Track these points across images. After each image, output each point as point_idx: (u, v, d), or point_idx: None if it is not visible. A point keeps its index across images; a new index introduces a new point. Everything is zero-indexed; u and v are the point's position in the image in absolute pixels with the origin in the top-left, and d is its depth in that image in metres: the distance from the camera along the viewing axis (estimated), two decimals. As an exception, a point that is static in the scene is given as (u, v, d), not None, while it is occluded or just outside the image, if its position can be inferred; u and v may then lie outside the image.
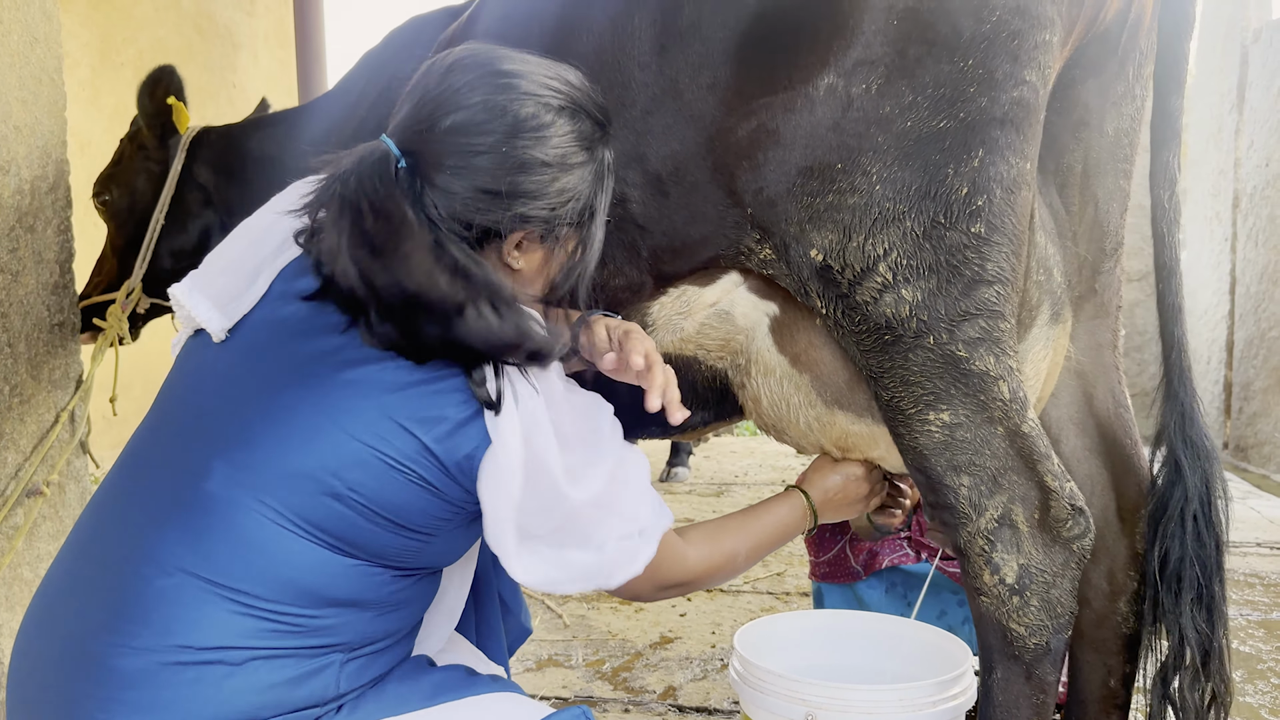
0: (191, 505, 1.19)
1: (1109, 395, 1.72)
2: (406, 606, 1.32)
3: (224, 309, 1.30)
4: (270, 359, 1.25)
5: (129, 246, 2.83)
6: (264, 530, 1.17)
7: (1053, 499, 1.47)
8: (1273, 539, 4.13)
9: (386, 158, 1.22)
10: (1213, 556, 1.57)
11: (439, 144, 1.22)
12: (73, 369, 2.64)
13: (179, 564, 1.16)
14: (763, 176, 1.48)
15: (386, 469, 1.19)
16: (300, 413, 1.20)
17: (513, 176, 1.22)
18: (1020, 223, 1.43)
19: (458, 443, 1.21)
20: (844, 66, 1.41)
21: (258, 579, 1.17)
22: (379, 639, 1.29)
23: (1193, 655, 1.56)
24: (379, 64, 2.50)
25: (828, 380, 1.62)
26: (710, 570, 1.50)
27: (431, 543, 1.28)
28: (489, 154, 1.21)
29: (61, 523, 2.57)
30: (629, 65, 1.57)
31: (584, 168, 1.29)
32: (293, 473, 1.18)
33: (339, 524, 1.19)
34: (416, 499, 1.22)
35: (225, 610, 1.15)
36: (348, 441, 1.18)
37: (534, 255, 1.32)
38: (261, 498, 1.18)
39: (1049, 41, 1.39)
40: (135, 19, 5.71)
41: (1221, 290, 6.20)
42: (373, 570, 1.24)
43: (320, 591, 1.20)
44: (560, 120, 1.25)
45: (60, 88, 2.57)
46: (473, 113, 1.22)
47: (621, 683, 2.70)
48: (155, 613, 1.15)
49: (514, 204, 1.23)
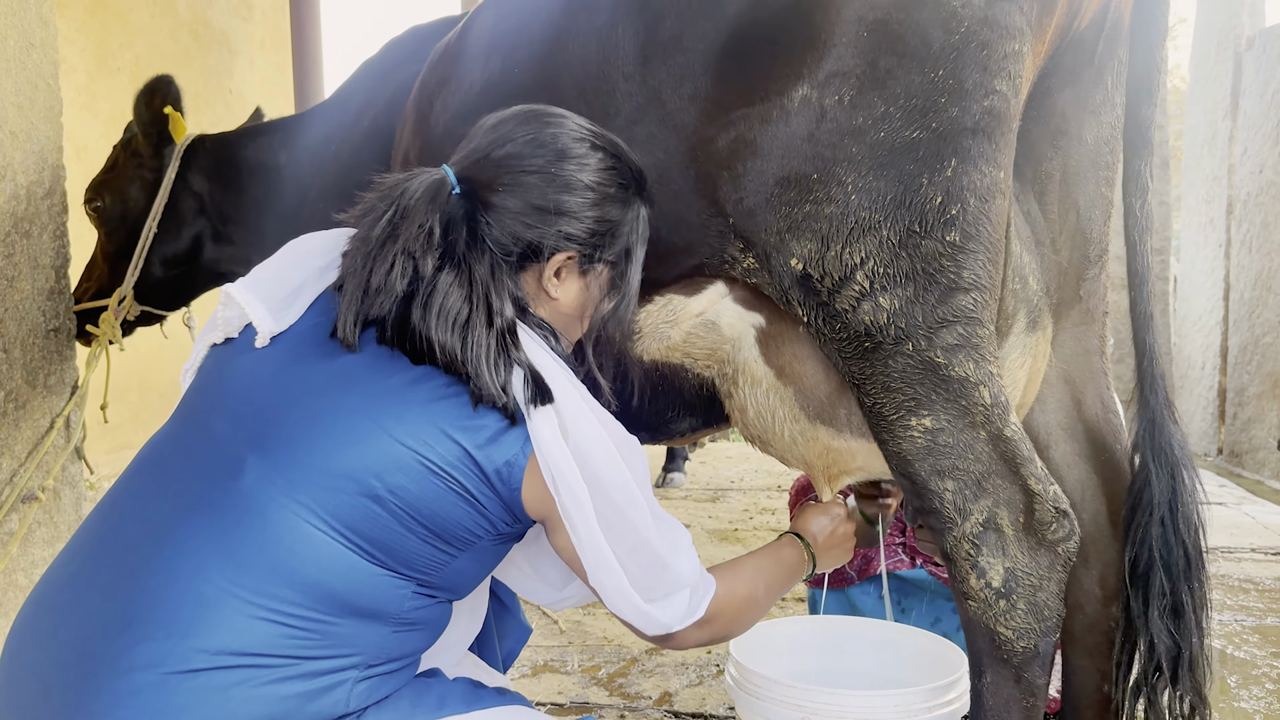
0: (220, 504, 1.20)
1: (1098, 401, 1.73)
2: (420, 629, 1.31)
3: (275, 315, 1.33)
4: (313, 367, 1.28)
5: (119, 253, 2.83)
6: (295, 529, 1.18)
7: (1037, 502, 1.48)
8: (1267, 544, 4.13)
9: (443, 182, 1.32)
10: (1180, 564, 1.57)
11: (492, 169, 1.33)
12: (68, 375, 2.64)
13: (201, 563, 1.16)
14: (742, 187, 1.49)
15: (428, 474, 1.21)
16: (343, 416, 1.22)
17: (558, 195, 1.33)
18: (996, 230, 1.44)
19: (499, 449, 1.23)
20: (817, 78, 1.43)
21: (282, 578, 1.17)
22: (392, 659, 1.28)
23: (1163, 663, 1.57)
24: (381, 74, 2.51)
25: (811, 394, 1.63)
26: (737, 606, 1.48)
27: (458, 559, 1.28)
28: (538, 174, 1.33)
29: (56, 528, 2.57)
30: (614, 75, 1.58)
31: (622, 205, 1.39)
32: (332, 473, 1.19)
33: (373, 527, 1.20)
34: (454, 508, 1.23)
35: (244, 614, 1.15)
36: (391, 445, 1.20)
37: (571, 286, 1.39)
38: (296, 496, 1.19)
39: (1019, 51, 1.40)
40: (132, 25, 5.72)
41: (1216, 296, 6.21)
42: (397, 581, 1.24)
43: (343, 597, 1.20)
44: (599, 155, 1.37)
45: (56, 93, 2.58)
46: (522, 144, 1.34)
47: (617, 688, 2.70)
48: (170, 614, 1.14)
49: (558, 220, 1.33)
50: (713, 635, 1.45)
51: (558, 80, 1.66)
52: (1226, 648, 2.99)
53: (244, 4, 6.86)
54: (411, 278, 1.25)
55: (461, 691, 1.38)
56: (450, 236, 1.28)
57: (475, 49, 1.88)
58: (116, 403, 4.65)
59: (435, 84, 1.97)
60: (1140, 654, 1.59)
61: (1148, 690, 1.60)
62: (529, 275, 1.36)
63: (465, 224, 1.30)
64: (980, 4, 1.37)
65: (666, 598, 1.36)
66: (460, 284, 1.26)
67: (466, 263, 1.27)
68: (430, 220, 1.27)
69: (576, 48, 1.63)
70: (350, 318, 1.27)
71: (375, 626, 1.24)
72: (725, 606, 1.44)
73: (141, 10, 5.82)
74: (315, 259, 1.38)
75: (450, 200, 1.30)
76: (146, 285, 2.80)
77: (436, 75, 1.98)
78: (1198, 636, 1.59)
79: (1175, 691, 1.58)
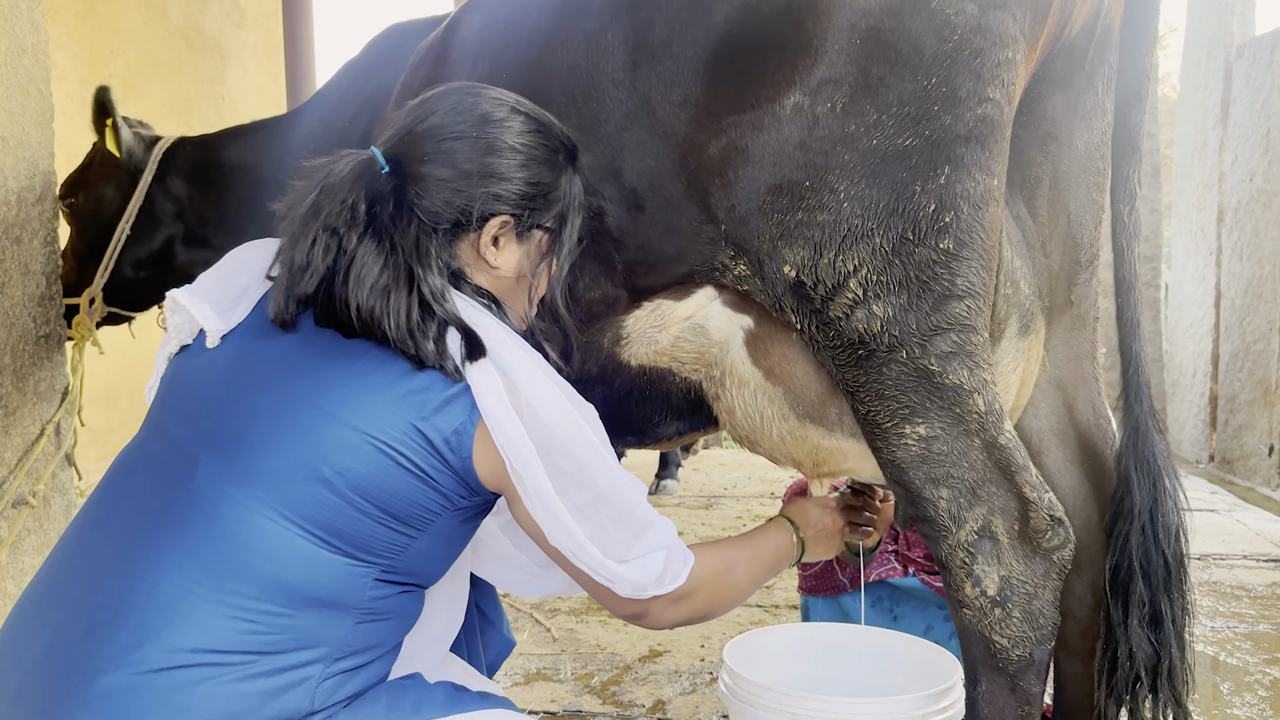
0: (179, 505, 1.21)
1: (1089, 406, 1.73)
2: (388, 620, 1.30)
3: (221, 315, 1.35)
4: (259, 360, 1.30)
5: (89, 251, 2.82)
6: (248, 523, 1.19)
7: (1032, 510, 1.48)
8: (1259, 551, 4.14)
9: (370, 161, 1.33)
10: (1161, 572, 1.57)
11: (417, 142, 1.35)
12: (58, 381, 2.63)
13: (162, 564, 1.17)
14: (734, 194, 1.49)
15: (376, 453, 1.21)
16: (288, 405, 1.24)
17: (483, 157, 1.33)
18: (989, 238, 1.44)
19: (445, 418, 1.23)
20: (809, 85, 1.43)
21: (239, 574, 1.17)
22: (358, 652, 1.27)
23: (1143, 672, 1.56)
24: (360, 72, 2.50)
25: (800, 394, 1.63)
26: (715, 585, 1.44)
27: (418, 539, 1.27)
28: (461, 139, 1.34)
29: (46, 536, 2.56)
30: (603, 81, 1.58)
31: (552, 169, 1.39)
32: (281, 462, 1.20)
33: (326, 513, 1.20)
34: (405, 485, 1.22)
35: (204, 612, 1.15)
36: (337, 427, 1.21)
37: (510, 253, 1.38)
38: (249, 490, 1.20)
39: (1012, 59, 1.41)
40: (124, 31, 5.71)
41: (1207, 304, 6.24)
42: (356, 569, 1.23)
43: (301, 588, 1.19)
44: (522, 118, 1.38)
45: (48, 99, 2.57)
46: (443, 114, 1.36)
47: (610, 697, 2.69)
48: (134, 615, 1.15)
49: (486, 182, 1.33)
50: (690, 612, 1.41)
51: (546, 85, 1.65)
52: (1219, 654, 3.00)
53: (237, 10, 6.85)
54: (335, 253, 1.27)
55: (442, 695, 1.36)
56: (374, 210, 1.29)
57: (461, 51, 1.86)
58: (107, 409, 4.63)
59: (419, 86, 1.95)
60: (1121, 662, 1.59)
61: (1129, 699, 1.59)
62: (465, 245, 1.36)
63: (392, 197, 1.30)
64: (974, 12, 1.37)
65: (641, 558, 1.32)
66: (380, 253, 1.26)
67: (389, 234, 1.28)
68: (352, 196, 1.29)
69: (565, 52, 1.62)
70: (282, 299, 1.29)
71: (338, 617, 1.22)
72: (703, 583, 1.41)
73: (134, 16, 5.81)
74: (258, 262, 1.41)
75: (379, 178, 1.32)
76: (116, 286, 2.78)
77: (420, 77, 1.96)
78: (1177, 646, 1.58)
79: (1156, 701, 1.57)
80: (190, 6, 6.36)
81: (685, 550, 1.39)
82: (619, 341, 1.71)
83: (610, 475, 1.29)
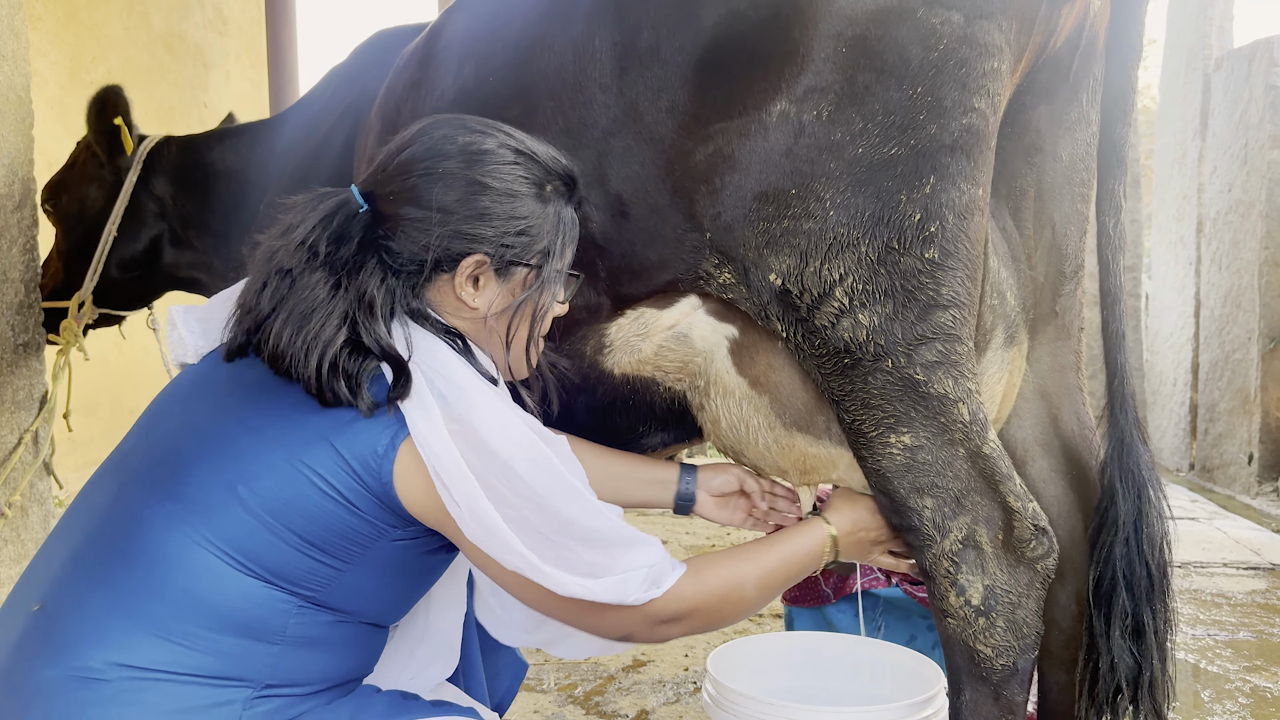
0: (111, 516, 1.23)
1: (1074, 416, 1.74)
2: (322, 651, 1.26)
3: (205, 334, 1.41)
4: (211, 381, 1.32)
5: (76, 254, 2.79)
6: (172, 543, 1.18)
7: (1016, 519, 1.48)
8: (1239, 559, 4.17)
9: (345, 201, 1.31)
10: (1144, 584, 1.57)
11: (389, 180, 1.31)
12: (36, 389, 2.60)
13: (88, 581, 1.18)
14: (720, 201, 1.49)
15: (295, 474, 1.19)
16: (223, 424, 1.25)
17: (459, 194, 1.29)
18: (974, 247, 1.45)
19: (366, 441, 1.20)
20: (795, 93, 1.43)
21: (163, 595, 1.17)
22: (295, 682, 1.23)
23: (1124, 684, 1.56)
24: (346, 77, 2.50)
25: (787, 402, 1.62)
26: (712, 599, 1.35)
27: (346, 572, 1.24)
28: (431, 176, 1.29)
29: (23, 546, 2.53)
30: (590, 86, 1.57)
31: (535, 203, 1.33)
32: (205, 481, 1.20)
33: (243, 535, 1.19)
34: (324, 510, 1.20)
35: (129, 629, 1.15)
36: (261, 446, 1.21)
37: (489, 292, 1.34)
38: (173, 508, 1.20)
39: (998, 69, 1.41)
40: (105, 38, 5.68)
41: (1186, 313, 6.29)
42: (277, 596, 1.21)
43: (222, 612, 1.18)
44: (503, 153, 1.32)
45: (28, 106, 2.55)
46: (422, 147, 1.32)
47: (594, 707, 2.68)
48: (58, 630, 1.16)
49: (457, 220, 1.29)
50: (686, 632, 1.35)
51: (533, 90, 1.65)
52: (1200, 662, 3.01)
53: (219, 18, 6.83)
54: (284, 295, 1.25)
55: (385, 703, 1.32)
56: (334, 250, 1.26)
57: (446, 54, 1.85)
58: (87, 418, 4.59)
59: (403, 89, 1.94)
60: (1103, 673, 1.59)
61: (1110, 710, 1.59)
62: (441, 284, 1.32)
63: (358, 237, 1.27)
64: (959, 21, 1.38)
65: (620, 575, 1.26)
66: (322, 293, 1.23)
67: (341, 274, 1.25)
68: (314, 235, 1.27)
69: (552, 57, 1.62)
70: (229, 335, 1.31)
71: (261, 646, 1.20)
72: (701, 603, 1.33)
73: (115, 23, 5.78)
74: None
75: (353, 218, 1.29)
76: (104, 287, 2.76)
77: (404, 80, 1.95)
78: (1159, 657, 1.58)
79: (1137, 712, 1.57)
80: (173, 14, 6.33)
81: (674, 564, 1.33)
82: (601, 350, 1.70)
83: (579, 502, 1.24)
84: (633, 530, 1.30)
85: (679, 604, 1.32)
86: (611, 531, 1.27)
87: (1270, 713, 2.65)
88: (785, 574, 1.48)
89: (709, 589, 1.35)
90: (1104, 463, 1.61)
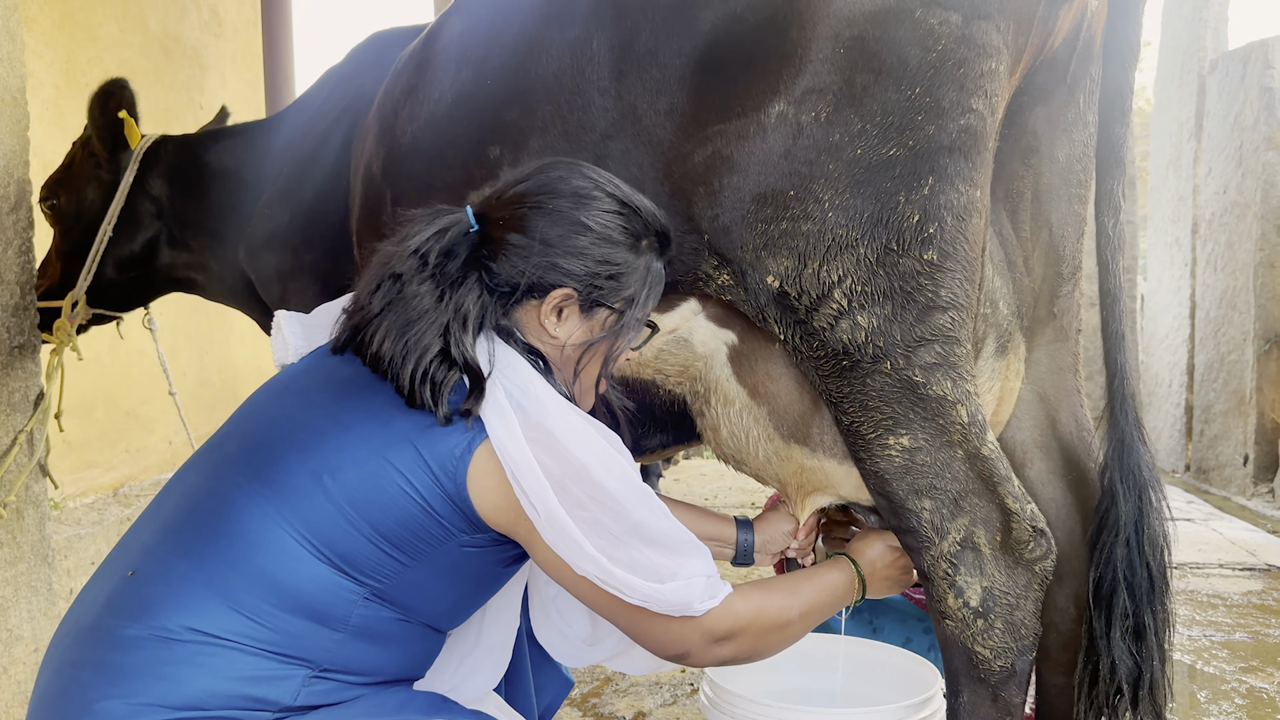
0: (201, 500, 1.31)
1: (1072, 419, 1.74)
2: (381, 645, 1.32)
3: (307, 335, 1.51)
4: (308, 377, 1.41)
5: (72, 253, 2.79)
6: (255, 523, 1.25)
7: (1014, 521, 1.48)
8: (1235, 560, 4.18)
9: (459, 219, 1.39)
10: (1144, 585, 1.57)
11: (502, 207, 1.40)
12: (32, 391, 2.59)
13: (175, 550, 1.27)
14: (718, 203, 1.49)
15: (378, 467, 1.26)
16: (313, 416, 1.32)
17: (558, 230, 1.37)
18: (973, 249, 1.45)
19: (445, 444, 1.26)
20: (794, 94, 1.43)
21: (242, 569, 1.24)
22: (350, 670, 1.30)
23: (1124, 685, 1.56)
24: (342, 78, 2.49)
25: (785, 413, 1.62)
26: (762, 622, 1.40)
27: (412, 569, 1.30)
28: (541, 210, 1.37)
29: (18, 548, 2.52)
30: (588, 89, 1.58)
31: (628, 252, 1.40)
32: (291, 466, 1.27)
33: (321, 520, 1.25)
34: (399, 506, 1.26)
35: (206, 598, 1.23)
36: (348, 437, 1.28)
37: (570, 325, 1.41)
38: (260, 493, 1.27)
39: (996, 70, 1.41)
40: (101, 39, 5.67)
41: (1182, 315, 6.30)
42: (345, 584, 1.27)
43: (291, 593, 1.24)
44: (609, 201, 1.40)
45: (24, 107, 2.54)
46: (532, 184, 1.40)
47: (591, 709, 2.68)
48: (145, 593, 1.25)
49: (555, 254, 1.36)
50: (735, 653, 1.39)
51: (531, 93, 1.65)
52: (1196, 663, 3.01)
53: (215, 20, 6.82)
54: (393, 298, 1.33)
55: (428, 699, 1.38)
56: (442, 263, 1.34)
57: (444, 57, 1.85)
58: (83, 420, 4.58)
59: (401, 93, 1.94)
60: (1102, 675, 1.59)
61: (1109, 711, 1.59)
62: (529, 309, 1.40)
63: (465, 254, 1.36)
64: (957, 22, 1.38)
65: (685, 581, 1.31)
66: (427, 303, 1.32)
67: (445, 286, 1.33)
68: (426, 246, 1.35)
69: (551, 60, 1.62)
70: (338, 329, 1.40)
71: (324, 631, 1.26)
72: (753, 625, 1.38)
73: (111, 25, 5.77)
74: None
75: (464, 235, 1.37)
76: (99, 287, 2.75)
77: (402, 84, 1.95)
78: (1159, 659, 1.58)
79: (1136, 714, 1.57)
80: (169, 16, 6.32)
81: (723, 582, 1.38)
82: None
83: (648, 504, 1.31)
84: (692, 536, 1.35)
85: (732, 620, 1.37)
86: (676, 535, 1.33)
87: (1266, 713, 2.65)
88: (822, 608, 1.53)
89: (758, 610, 1.40)
90: (1104, 464, 1.61)
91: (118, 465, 5.24)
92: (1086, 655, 1.61)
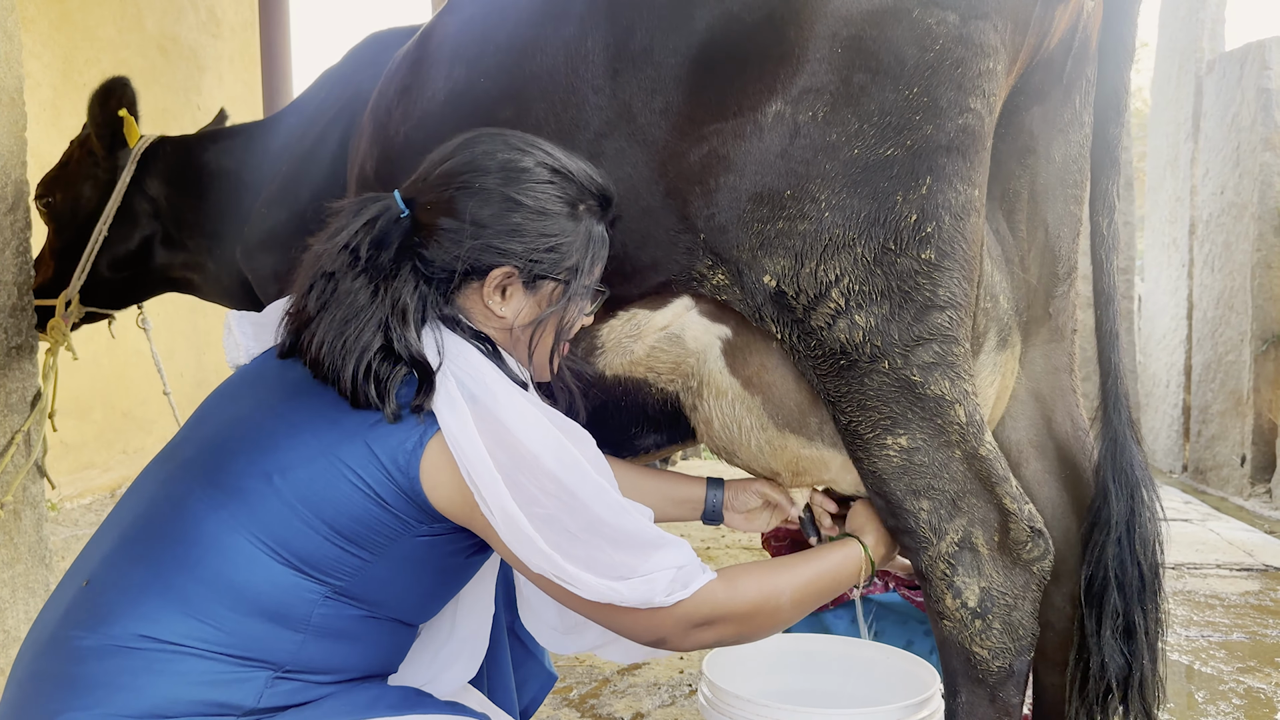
0: (157, 506, 1.30)
1: (1067, 418, 1.74)
2: (347, 641, 1.30)
3: (258, 337, 1.50)
4: (259, 379, 1.39)
5: (67, 251, 2.78)
6: (210, 527, 1.24)
7: (1012, 521, 1.48)
8: (1233, 560, 4.18)
9: (387, 206, 1.35)
10: (1135, 584, 1.57)
11: (429, 190, 1.36)
12: (28, 391, 2.59)
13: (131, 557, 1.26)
14: (714, 202, 1.49)
15: (328, 465, 1.24)
16: (264, 417, 1.31)
17: (494, 209, 1.33)
18: (971, 248, 1.45)
19: (396, 437, 1.25)
20: (791, 94, 1.43)
21: (197, 575, 1.22)
22: (316, 670, 1.28)
23: (1114, 684, 1.56)
24: (339, 78, 2.49)
25: (779, 403, 1.62)
26: (745, 606, 1.35)
27: (373, 564, 1.28)
28: (468, 190, 1.33)
29: (15, 549, 2.52)
30: (582, 88, 1.57)
31: (566, 220, 1.36)
32: (243, 474, 1.26)
33: (276, 522, 1.23)
34: (352, 502, 1.24)
35: (161, 605, 1.21)
36: (299, 438, 1.26)
37: (516, 303, 1.38)
38: (214, 497, 1.25)
39: (993, 69, 1.41)
40: (99, 40, 5.66)
41: (1179, 315, 6.31)
42: (305, 584, 1.25)
43: (249, 596, 1.23)
44: (540, 171, 1.35)
45: (21, 108, 2.54)
46: (462, 160, 1.36)
47: (589, 710, 2.68)
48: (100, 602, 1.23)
49: (489, 234, 1.32)
50: (719, 638, 1.36)
51: (525, 91, 1.64)
52: (1193, 663, 3.02)
53: (213, 20, 6.82)
54: (328, 299, 1.31)
55: (400, 694, 1.36)
56: (374, 254, 1.31)
57: (438, 56, 1.85)
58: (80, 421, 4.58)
59: (395, 92, 1.94)
60: (1093, 673, 1.59)
61: (1100, 710, 1.59)
62: (471, 292, 1.37)
63: (396, 243, 1.32)
64: (955, 22, 1.38)
65: (645, 577, 1.27)
66: (362, 298, 1.29)
67: (379, 279, 1.30)
68: (355, 241, 1.31)
69: (545, 58, 1.61)
70: (279, 336, 1.39)
71: (285, 632, 1.25)
72: (736, 610, 1.34)
73: (109, 25, 5.77)
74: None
75: (394, 223, 1.34)
76: (93, 286, 2.75)
77: (396, 83, 1.95)
78: (1149, 658, 1.58)
79: (1127, 712, 1.57)
80: (166, 16, 6.32)
81: (703, 568, 1.33)
82: (593, 351, 1.70)
83: (606, 500, 1.27)
84: (660, 531, 1.31)
85: (710, 608, 1.32)
86: (639, 531, 1.28)
87: (1264, 713, 2.65)
88: (820, 589, 1.48)
89: (742, 596, 1.35)
90: (1097, 463, 1.61)
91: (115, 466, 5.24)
92: (1078, 653, 1.62)
